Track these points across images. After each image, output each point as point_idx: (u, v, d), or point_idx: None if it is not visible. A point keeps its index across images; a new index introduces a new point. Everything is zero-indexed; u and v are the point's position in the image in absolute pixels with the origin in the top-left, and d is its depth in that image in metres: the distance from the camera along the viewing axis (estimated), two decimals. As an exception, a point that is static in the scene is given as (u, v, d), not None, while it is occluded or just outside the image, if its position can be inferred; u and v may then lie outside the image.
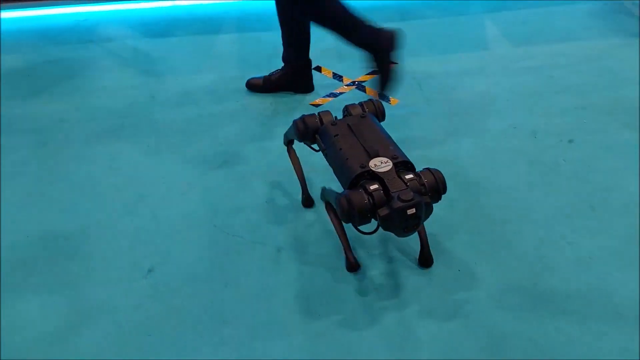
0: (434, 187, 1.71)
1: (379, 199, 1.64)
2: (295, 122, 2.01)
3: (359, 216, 1.65)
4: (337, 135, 1.87)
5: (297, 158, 2.18)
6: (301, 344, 1.73)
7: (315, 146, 2.03)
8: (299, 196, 2.22)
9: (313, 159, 2.17)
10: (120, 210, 2.25)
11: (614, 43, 3.21)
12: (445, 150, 2.48)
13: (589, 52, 3.14)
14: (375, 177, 1.70)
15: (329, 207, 1.89)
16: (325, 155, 1.93)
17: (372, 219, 1.69)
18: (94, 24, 3.67)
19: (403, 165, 1.76)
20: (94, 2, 3.81)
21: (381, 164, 1.72)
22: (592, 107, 2.71)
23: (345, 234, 1.88)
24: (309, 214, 2.18)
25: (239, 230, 2.13)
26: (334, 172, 1.88)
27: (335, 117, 2.00)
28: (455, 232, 2.09)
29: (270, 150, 2.48)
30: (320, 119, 1.98)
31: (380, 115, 2.06)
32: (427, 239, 1.93)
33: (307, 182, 2.20)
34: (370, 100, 2.07)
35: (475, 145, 2.50)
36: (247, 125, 2.69)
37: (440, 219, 2.13)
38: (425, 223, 1.79)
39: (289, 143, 2.17)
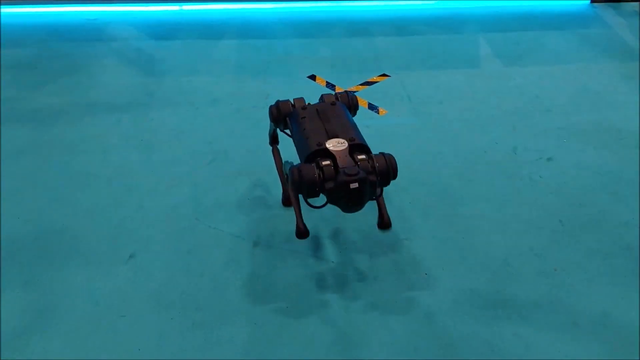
0: (384, 170, 1.78)
1: (329, 173, 1.73)
2: (270, 107, 2.10)
3: (307, 187, 1.73)
4: (304, 117, 1.97)
5: (280, 158, 2.27)
6: (265, 331, 1.81)
7: (288, 131, 2.11)
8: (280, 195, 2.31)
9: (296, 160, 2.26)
10: (108, 200, 2.34)
11: (599, 67, 3.29)
12: (426, 160, 2.56)
13: (575, 75, 3.22)
14: (329, 155, 1.79)
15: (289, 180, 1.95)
16: (293, 138, 2.02)
17: (322, 194, 1.77)
18: (102, 24, 3.80)
19: (358, 147, 1.83)
20: (104, 3, 3.94)
21: (338, 144, 1.81)
22: (574, 128, 2.78)
23: (299, 204, 1.94)
24: (288, 212, 2.27)
25: (220, 223, 2.22)
26: (297, 151, 1.96)
27: (308, 103, 2.08)
28: (427, 237, 2.17)
29: (258, 151, 2.57)
30: (293, 105, 2.08)
31: (353, 108, 2.13)
32: (384, 204, 1.98)
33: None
34: (345, 92, 2.16)
35: (456, 157, 2.58)
36: (238, 126, 2.78)
37: (414, 224, 2.22)
38: (399, 228, 1.84)
39: (273, 142, 2.26)
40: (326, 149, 1.80)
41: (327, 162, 1.75)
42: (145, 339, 1.80)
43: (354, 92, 3.06)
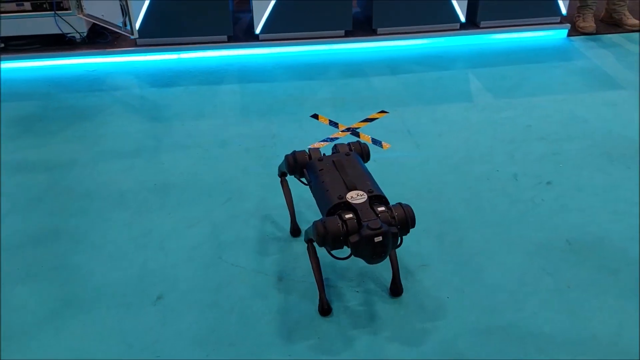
0: (403, 220, 1.87)
1: (352, 226, 1.81)
2: (286, 156, 2.21)
3: (332, 240, 1.81)
4: (322, 169, 2.07)
5: (289, 190, 2.35)
6: (302, 362, 1.87)
7: (304, 180, 2.21)
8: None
9: (307, 194, 2.35)
10: (129, 243, 2.40)
11: (583, 97, 3.49)
12: (433, 189, 2.68)
13: (562, 105, 3.40)
14: (350, 207, 1.88)
15: (310, 248, 2.03)
16: (310, 188, 2.12)
17: (345, 246, 1.85)
18: (102, 74, 3.90)
19: (377, 199, 1.94)
20: (102, 55, 4.06)
21: (357, 197, 1.91)
22: (567, 153, 2.94)
23: (321, 278, 2.03)
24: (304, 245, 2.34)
25: (242, 261, 2.29)
26: (317, 203, 2.05)
27: (324, 154, 2.19)
28: (444, 262, 2.26)
29: (272, 187, 2.66)
30: (310, 155, 2.18)
31: (365, 155, 2.25)
32: (398, 270, 2.10)
33: (299, 215, 2.38)
34: (357, 141, 2.27)
35: (462, 186, 2.70)
36: (249, 165, 2.87)
37: (430, 251, 2.31)
38: (408, 255, 1.94)
39: (282, 175, 2.36)
40: (347, 201, 1.89)
41: (350, 215, 1.83)
42: (183, 375, 1.83)
43: (356, 128, 3.19)
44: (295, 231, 2.40)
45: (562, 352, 1.89)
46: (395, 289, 2.11)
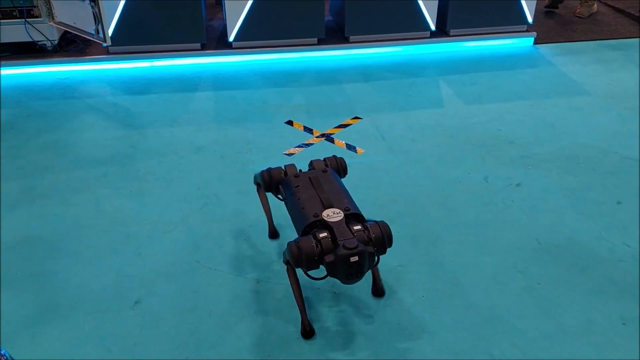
0: (379, 239, 1.84)
1: (327, 246, 1.78)
2: (262, 173, 2.17)
3: (306, 261, 1.78)
4: (297, 186, 2.03)
5: (265, 195, 2.34)
6: (282, 362, 1.89)
7: (280, 196, 2.17)
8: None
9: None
10: (106, 249, 2.38)
11: (551, 102, 3.60)
12: (407, 193, 2.73)
13: (530, 110, 3.51)
14: (326, 226, 1.85)
15: (289, 270, 1.97)
16: (286, 204, 2.08)
17: (321, 265, 1.82)
18: (74, 82, 3.87)
19: (354, 217, 1.91)
20: (74, 62, 4.02)
21: (333, 214, 1.87)
22: (536, 156, 3.03)
23: (302, 300, 1.98)
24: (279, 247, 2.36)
25: (220, 265, 2.30)
26: (292, 221, 2.02)
27: (300, 170, 2.16)
28: (420, 262, 2.31)
29: (248, 192, 2.67)
30: (285, 172, 2.14)
31: (342, 171, 2.22)
32: (378, 272, 2.13)
33: (278, 226, 2.42)
34: (333, 156, 2.24)
35: (435, 189, 2.76)
36: (225, 171, 2.89)
37: (406, 252, 2.36)
38: (384, 257, 1.93)
39: (258, 185, 2.33)
40: (323, 219, 1.86)
41: (325, 234, 1.80)
42: (163, 379, 1.83)
43: (331, 134, 3.23)
44: (273, 234, 2.42)
45: (534, 347, 1.95)
46: (377, 290, 2.14)
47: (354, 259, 1.74)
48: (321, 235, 1.80)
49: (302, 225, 1.89)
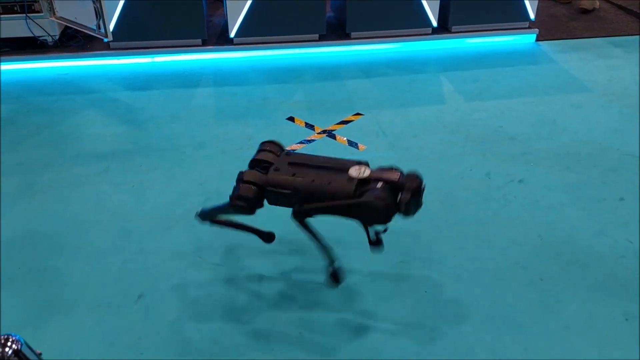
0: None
1: (392, 191, 1.80)
2: (234, 202, 1.94)
3: (386, 214, 1.78)
4: (294, 174, 1.90)
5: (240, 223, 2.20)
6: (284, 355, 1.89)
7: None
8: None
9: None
10: (107, 244, 2.38)
11: (552, 99, 3.60)
12: (410, 190, 2.73)
13: (532, 107, 3.51)
14: (367, 181, 1.82)
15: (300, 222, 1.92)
16: (285, 200, 1.91)
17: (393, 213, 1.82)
18: (75, 78, 3.86)
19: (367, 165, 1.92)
20: (74, 58, 4.02)
21: (361, 171, 1.85)
22: (537, 153, 3.03)
23: (324, 244, 1.96)
24: (280, 247, 2.37)
25: (223, 260, 2.30)
26: (319, 201, 1.85)
27: (265, 166, 2.01)
28: (422, 258, 2.31)
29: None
30: (258, 178, 1.94)
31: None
32: (367, 229, 2.01)
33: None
34: (270, 141, 2.12)
35: (437, 185, 2.76)
36: (226, 167, 2.88)
37: (408, 248, 2.36)
38: (386, 252, 1.93)
39: (217, 221, 2.18)
40: (362, 179, 1.82)
41: (381, 184, 1.80)
42: (166, 373, 1.84)
43: (332, 130, 3.23)
44: (268, 236, 2.33)
45: (536, 343, 1.96)
46: (374, 242, 1.99)
47: (423, 184, 1.83)
48: (379, 185, 1.79)
49: (349, 194, 1.80)
